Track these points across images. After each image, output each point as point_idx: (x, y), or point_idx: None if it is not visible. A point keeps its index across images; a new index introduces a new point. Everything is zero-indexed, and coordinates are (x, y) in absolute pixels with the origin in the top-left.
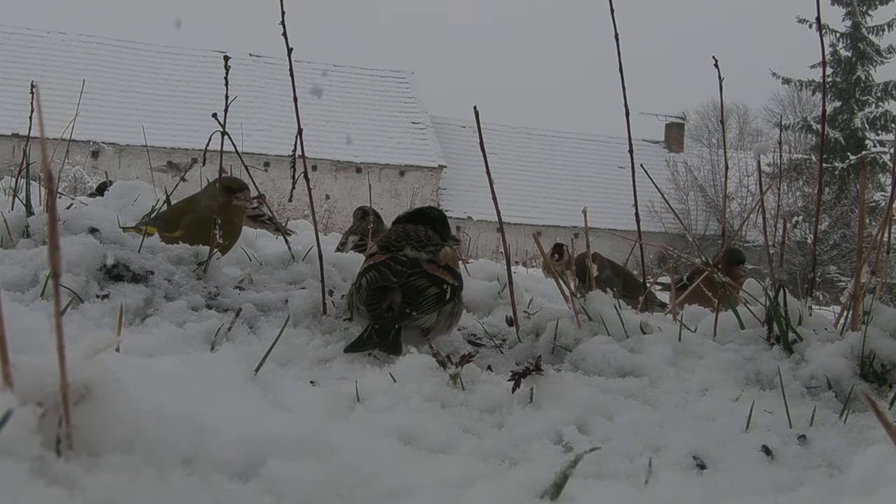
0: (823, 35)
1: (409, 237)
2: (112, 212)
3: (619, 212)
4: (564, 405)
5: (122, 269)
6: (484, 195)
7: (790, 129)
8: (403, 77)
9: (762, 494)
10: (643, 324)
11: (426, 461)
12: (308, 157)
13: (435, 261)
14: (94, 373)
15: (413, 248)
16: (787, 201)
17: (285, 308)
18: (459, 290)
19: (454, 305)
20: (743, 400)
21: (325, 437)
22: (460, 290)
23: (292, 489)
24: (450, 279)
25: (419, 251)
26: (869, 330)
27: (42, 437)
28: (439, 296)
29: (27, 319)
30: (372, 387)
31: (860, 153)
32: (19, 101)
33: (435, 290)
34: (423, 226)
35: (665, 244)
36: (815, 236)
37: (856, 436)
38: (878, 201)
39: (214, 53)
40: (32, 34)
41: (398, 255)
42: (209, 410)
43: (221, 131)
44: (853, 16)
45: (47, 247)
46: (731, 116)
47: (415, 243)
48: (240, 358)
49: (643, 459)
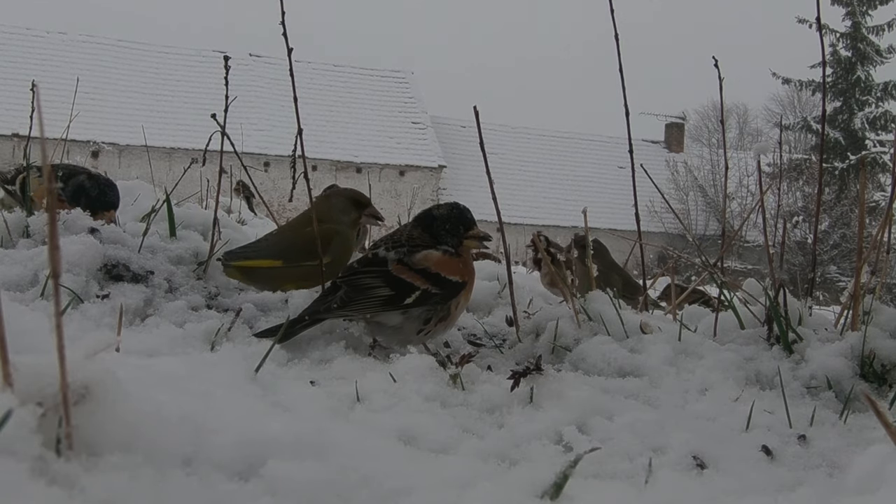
0: (823, 35)
1: (393, 237)
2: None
3: (619, 212)
4: (564, 405)
5: (122, 269)
6: (484, 195)
7: (790, 129)
8: (403, 77)
9: (762, 494)
10: (643, 324)
11: (426, 461)
12: (308, 157)
13: (406, 262)
14: (94, 373)
15: (386, 248)
16: (787, 201)
17: (285, 308)
18: (445, 296)
19: (432, 312)
20: (743, 400)
21: (325, 437)
22: (449, 296)
23: (292, 489)
24: (421, 283)
25: (389, 251)
26: (869, 330)
27: (42, 437)
28: (391, 298)
29: (27, 319)
30: (372, 387)
31: (860, 153)
32: (19, 101)
33: (387, 291)
34: (421, 226)
35: (665, 244)
36: (815, 236)
37: (856, 436)
38: (878, 201)
39: (214, 53)
40: (32, 34)
41: (370, 253)
42: (209, 410)
43: (221, 131)
44: (853, 16)
45: (47, 247)
46: (731, 116)
47: (391, 244)
48: (240, 358)
49: (643, 459)
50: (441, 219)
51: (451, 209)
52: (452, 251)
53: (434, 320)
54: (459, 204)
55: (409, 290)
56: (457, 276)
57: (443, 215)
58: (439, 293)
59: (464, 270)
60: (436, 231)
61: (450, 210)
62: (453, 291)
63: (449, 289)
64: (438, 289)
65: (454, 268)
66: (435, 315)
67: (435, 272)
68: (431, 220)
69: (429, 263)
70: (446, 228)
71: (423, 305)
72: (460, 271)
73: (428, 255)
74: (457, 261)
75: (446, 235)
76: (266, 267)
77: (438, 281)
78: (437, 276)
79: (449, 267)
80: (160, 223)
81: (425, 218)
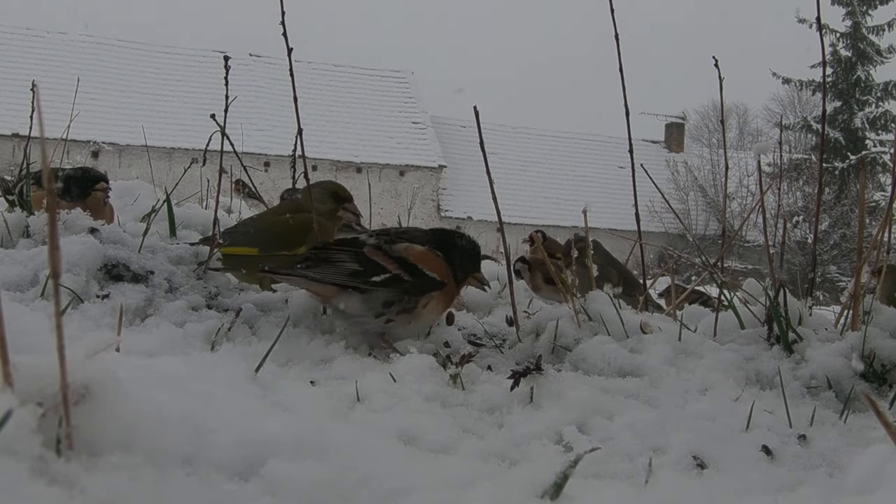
0: (823, 35)
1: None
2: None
3: (619, 212)
4: (564, 405)
5: (122, 269)
6: (484, 195)
7: (790, 129)
8: (403, 77)
9: (762, 494)
10: (643, 324)
11: (426, 461)
12: (308, 156)
13: (384, 249)
14: (94, 373)
15: (369, 235)
16: (787, 201)
17: (285, 308)
18: (416, 287)
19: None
20: (743, 400)
21: (325, 437)
22: (421, 289)
23: (292, 489)
24: (393, 268)
25: (371, 238)
26: (869, 330)
27: (42, 437)
28: (358, 272)
29: (27, 319)
30: (372, 387)
31: (860, 153)
32: (19, 101)
33: (355, 266)
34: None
35: (665, 244)
36: (815, 236)
37: (856, 436)
38: (878, 201)
39: (214, 53)
40: (32, 34)
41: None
42: (209, 410)
43: (221, 131)
44: (853, 16)
45: (47, 247)
46: (731, 116)
47: (378, 233)
48: (240, 358)
49: (643, 459)
50: (461, 251)
51: (474, 247)
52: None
53: (396, 307)
54: (478, 244)
55: (380, 271)
56: (436, 274)
57: (464, 248)
58: (411, 282)
59: (445, 275)
60: (452, 257)
61: (472, 247)
62: (427, 285)
63: (423, 281)
64: (411, 277)
65: (437, 267)
66: (398, 301)
67: (413, 263)
68: (452, 246)
69: (409, 254)
70: (462, 261)
71: (389, 288)
72: (441, 272)
73: (411, 247)
74: (442, 263)
75: (458, 268)
76: (242, 255)
77: (414, 272)
78: (414, 268)
79: (431, 263)
80: (160, 223)
81: (445, 239)
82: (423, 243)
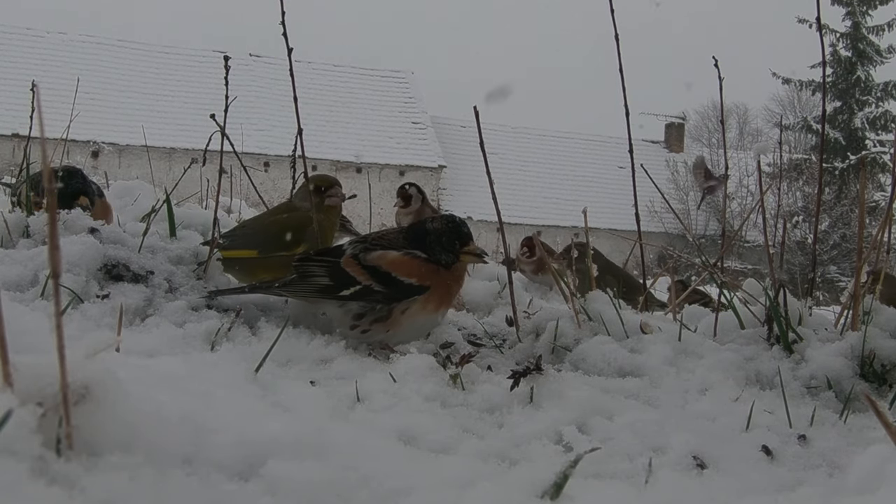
0: (823, 35)
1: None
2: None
3: (619, 212)
4: (564, 405)
5: (122, 269)
6: (484, 195)
7: (790, 129)
8: (403, 77)
9: (762, 494)
10: (643, 324)
11: (426, 461)
12: (308, 157)
13: (359, 258)
14: (94, 373)
15: (353, 243)
16: (787, 201)
17: (285, 308)
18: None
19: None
20: (743, 400)
21: (325, 437)
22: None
23: (292, 489)
24: (364, 279)
25: (351, 245)
26: (869, 330)
27: (42, 437)
28: (328, 288)
29: (27, 319)
30: (372, 387)
31: (860, 153)
32: (19, 101)
33: (325, 281)
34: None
35: (665, 244)
36: (815, 236)
37: (856, 436)
38: (878, 201)
39: (214, 53)
40: (32, 34)
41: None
42: (209, 410)
43: (221, 131)
44: (853, 16)
45: (47, 247)
46: (731, 116)
47: (361, 240)
48: (240, 358)
49: (643, 459)
50: (435, 233)
51: (447, 223)
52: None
53: (369, 318)
54: (455, 217)
55: (350, 283)
56: (413, 279)
57: (437, 229)
58: (382, 291)
59: (428, 277)
60: (430, 245)
61: (445, 224)
62: (402, 293)
63: (397, 289)
64: (383, 287)
65: (413, 270)
66: (371, 313)
67: (385, 271)
68: (424, 233)
69: (381, 262)
70: (441, 243)
71: (360, 300)
72: (421, 276)
73: (384, 254)
74: (422, 265)
75: (441, 251)
76: (242, 258)
77: (387, 280)
78: (388, 276)
79: (406, 268)
80: (160, 223)
81: (417, 231)
82: (399, 247)
